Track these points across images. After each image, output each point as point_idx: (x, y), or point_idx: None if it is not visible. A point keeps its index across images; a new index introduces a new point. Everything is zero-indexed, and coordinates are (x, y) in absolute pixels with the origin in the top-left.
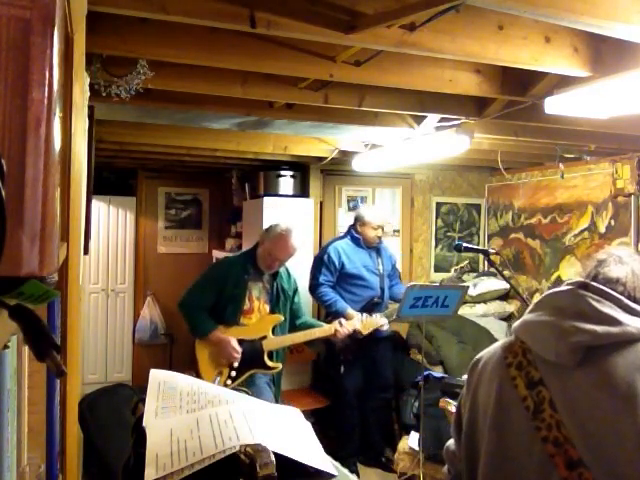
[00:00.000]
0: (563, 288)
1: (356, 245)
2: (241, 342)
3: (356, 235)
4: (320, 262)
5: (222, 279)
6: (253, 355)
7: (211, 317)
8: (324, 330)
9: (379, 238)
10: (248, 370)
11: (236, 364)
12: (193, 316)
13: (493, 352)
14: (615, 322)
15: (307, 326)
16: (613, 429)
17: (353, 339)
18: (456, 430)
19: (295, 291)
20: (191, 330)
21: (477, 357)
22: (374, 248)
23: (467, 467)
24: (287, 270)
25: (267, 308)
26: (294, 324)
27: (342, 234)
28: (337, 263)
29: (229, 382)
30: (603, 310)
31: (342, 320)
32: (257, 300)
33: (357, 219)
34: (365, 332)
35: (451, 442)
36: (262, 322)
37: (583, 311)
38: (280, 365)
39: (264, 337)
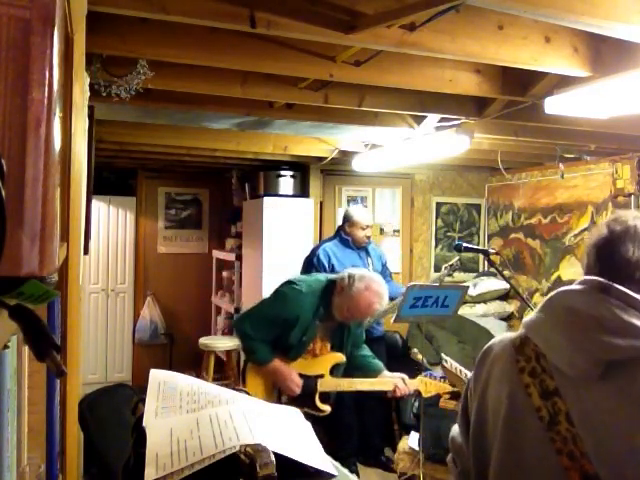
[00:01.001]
0: (578, 288)
1: (345, 246)
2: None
3: (345, 236)
4: (310, 265)
5: (292, 322)
6: (305, 393)
7: (271, 347)
8: (384, 384)
9: (368, 238)
10: (296, 407)
11: (284, 398)
12: (251, 346)
13: (503, 346)
14: None
15: (365, 364)
16: (633, 446)
17: None
18: (463, 424)
19: (359, 324)
20: (247, 356)
21: (488, 346)
22: (363, 248)
23: (476, 468)
24: None
25: (328, 346)
26: (352, 353)
27: (331, 236)
28: (327, 265)
29: None
30: (629, 320)
31: (405, 378)
32: (321, 340)
33: (345, 219)
34: (426, 395)
35: (456, 432)
36: (322, 360)
37: (605, 320)
38: (329, 408)
39: (321, 376)
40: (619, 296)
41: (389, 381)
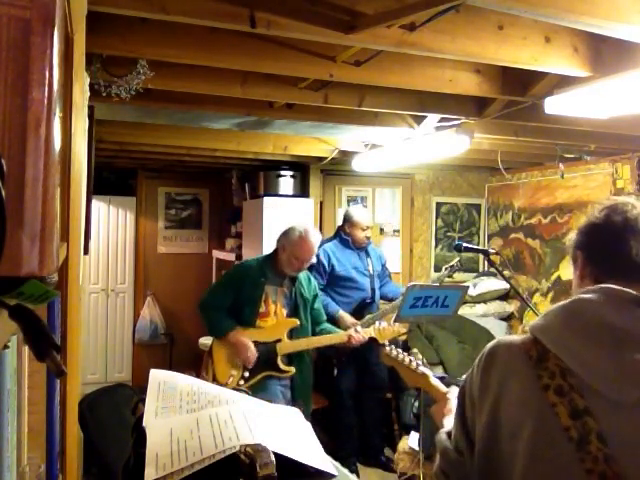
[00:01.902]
0: (605, 299)
1: (345, 247)
2: (256, 344)
3: (345, 237)
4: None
5: (239, 281)
6: (267, 358)
7: (229, 318)
8: (339, 337)
9: (368, 238)
10: (261, 372)
11: (250, 366)
12: (211, 316)
13: (514, 356)
14: None
15: (326, 333)
16: None
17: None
18: (462, 437)
19: (315, 296)
20: (209, 330)
21: (492, 351)
22: (363, 249)
23: None
24: (308, 275)
25: (284, 312)
26: (314, 330)
27: (330, 236)
28: (327, 265)
29: (242, 382)
30: None
31: (358, 327)
32: (273, 304)
33: (346, 220)
34: (382, 341)
35: (448, 444)
36: (278, 326)
37: None
38: (293, 369)
39: (279, 340)
40: None
41: (343, 333)
